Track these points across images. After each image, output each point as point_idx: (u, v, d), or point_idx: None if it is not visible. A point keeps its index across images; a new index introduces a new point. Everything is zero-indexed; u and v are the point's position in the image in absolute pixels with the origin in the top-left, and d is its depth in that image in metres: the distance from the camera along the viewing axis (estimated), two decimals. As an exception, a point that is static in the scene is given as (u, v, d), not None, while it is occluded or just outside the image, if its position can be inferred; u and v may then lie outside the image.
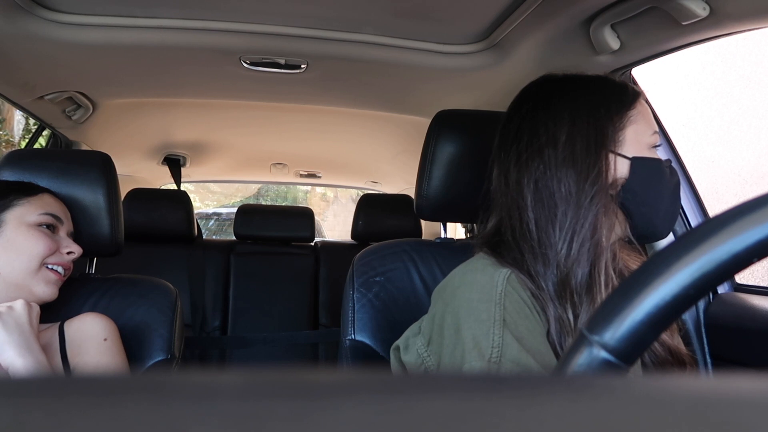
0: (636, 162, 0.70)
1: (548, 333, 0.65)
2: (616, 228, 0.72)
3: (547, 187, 0.69)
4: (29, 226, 0.89)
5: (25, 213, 0.90)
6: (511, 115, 0.77)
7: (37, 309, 0.84)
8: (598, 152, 0.69)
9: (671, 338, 0.75)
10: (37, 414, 0.13)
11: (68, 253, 0.92)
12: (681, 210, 1.20)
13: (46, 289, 0.88)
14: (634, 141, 0.71)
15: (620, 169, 0.70)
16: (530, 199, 0.70)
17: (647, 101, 0.76)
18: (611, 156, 0.69)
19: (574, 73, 0.77)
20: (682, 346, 0.75)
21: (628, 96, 0.73)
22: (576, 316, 0.65)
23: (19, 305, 0.81)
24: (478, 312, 0.63)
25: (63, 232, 0.94)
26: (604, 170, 0.68)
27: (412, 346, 0.73)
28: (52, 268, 0.90)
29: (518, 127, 0.74)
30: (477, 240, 0.76)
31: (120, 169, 1.15)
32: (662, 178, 0.71)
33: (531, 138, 0.72)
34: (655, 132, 0.73)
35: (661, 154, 0.75)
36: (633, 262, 0.79)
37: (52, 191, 0.98)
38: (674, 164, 0.78)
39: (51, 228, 0.92)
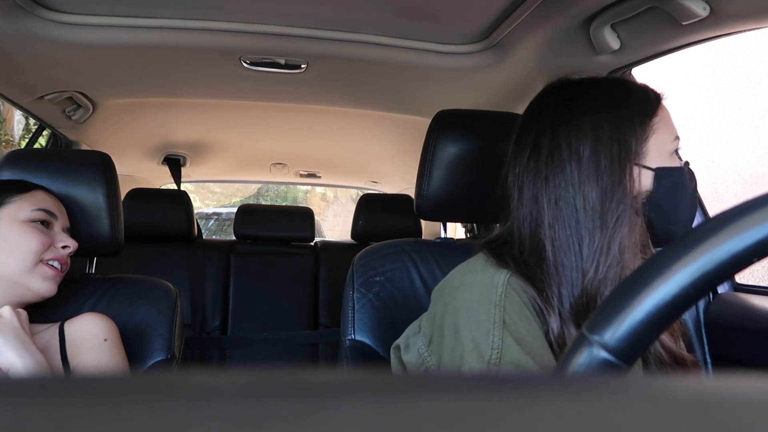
0: (660, 173, 0.67)
1: (547, 333, 0.65)
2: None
3: (569, 205, 0.65)
4: (22, 223, 0.89)
5: (18, 210, 0.90)
6: (527, 124, 0.73)
7: (24, 314, 0.84)
8: (622, 167, 0.65)
9: (676, 345, 0.74)
10: (37, 414, 0.13)
11: (63, 247, 0.92)
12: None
13: (43, 284, 0.88)
14: (657, 151, 0.68)
15: (644, 181, 0.67)
16: (549, 217, 0.66)
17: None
18: (636, 169, 0.66)
19: (591, 77, 0.74)
20: (686, 353, 0.75)
21: (650, 103, 0.70)
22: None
23: (6, 311, 0.81)
24: (478, 313, 0.62)
25: (58, 227, 0.94)
26: (629, 186, 0.65)
27: (413, 346, 0.73)
28: (48, 264, 0.90)
29: (535, 139, 0.70)
30: (479, 242, 0.74)
31: (120, 169, 1.15)
32: (684, 186, 0.69)
33: (551, 152, 0.68)
34: (677, 137, 0.70)
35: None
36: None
37: (45, 188, 0.98)
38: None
39: (45, 224, 0.92)
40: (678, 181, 0.69)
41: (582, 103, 0.69)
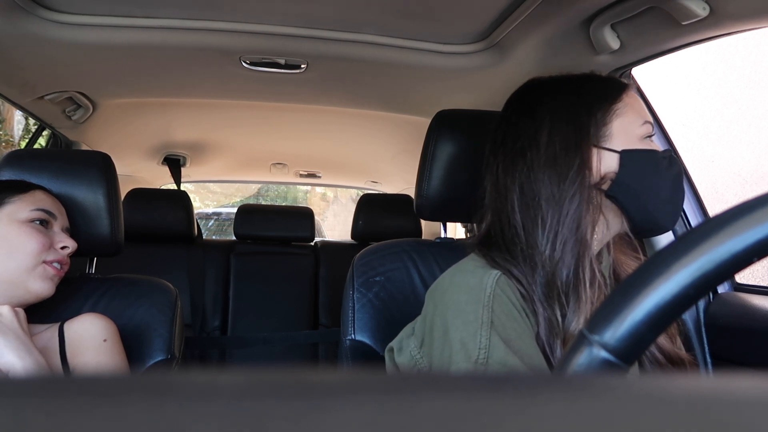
0: (625, 155, 0.69)
1: (537, 335, 0.65)
2: (612, 224, 0.71)
3: (531, 189, 0.69)
4: (21, 223, 0.89)
5: (17, 210, 0.90)
6: (499, 121, 0.78)
7: (22, 314, 0.84)
8: (578, 149, 0.69)
9: (672, 344, 0.74)
10: (37, 414, 0.13)
11: (63, 247, 0.92)
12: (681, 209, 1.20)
13: (42, 285, 0.88)
14: (623, 134, 0.70)
15: (609, 163, 0.69)
16: (516, 203, 0.70)
17: (643, 94, 0.76)
18: (595, 151, 0.69)
19: (560, 74, 0.77)
20: (682, 351, 0.75)
21: (612, 90, 0.73)
22: (563, 316, 0.65)
23: (5, 311, 0.81)
24: (466, 314, 0.63)
25: (57, 227, 0.94)
26: (586, 167, 0.68)
27: (406, 348, 0.73)
28: (49, 263, 0.90)
29: (504, 132, 0.75)
30: (470, 241, 0.76)
31: (120, 169, 1.15)
32: (657, 169, 0.70)
33: (515, 142, 0.73)
34: (646, 122, 0.72)
35: (661, 146, 0.74)
36: (628, 262, 0.79)
37: (45, 188, 0.97)
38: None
39: (44, 224, 0.91)
40: (646, 163, 0.70)
41: (544, 97, 0.74)
